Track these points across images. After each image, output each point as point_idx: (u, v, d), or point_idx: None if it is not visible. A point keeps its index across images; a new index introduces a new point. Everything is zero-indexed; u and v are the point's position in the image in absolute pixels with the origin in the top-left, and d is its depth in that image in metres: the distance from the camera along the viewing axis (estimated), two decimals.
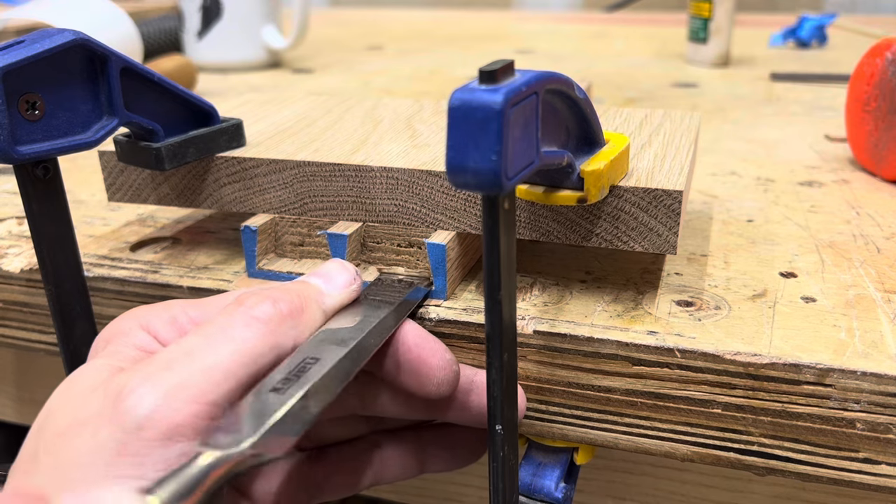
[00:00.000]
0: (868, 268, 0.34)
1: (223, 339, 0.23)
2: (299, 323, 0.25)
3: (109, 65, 0.29)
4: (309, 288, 0.27)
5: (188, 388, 0.22)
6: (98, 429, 0.21)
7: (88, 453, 0.21)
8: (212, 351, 0.23)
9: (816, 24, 1.00)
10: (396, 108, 0.41)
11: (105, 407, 0.21)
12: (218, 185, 0.34)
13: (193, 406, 0.21)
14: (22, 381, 0.48)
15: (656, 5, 1.61)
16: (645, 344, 0.28)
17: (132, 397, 0.21)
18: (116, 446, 0.21)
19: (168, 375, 0.22)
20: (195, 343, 0.23)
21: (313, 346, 0.25)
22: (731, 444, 0.28)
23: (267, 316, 0.25)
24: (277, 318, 0.25)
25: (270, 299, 0.25)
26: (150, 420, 0.21)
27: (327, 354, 0.25)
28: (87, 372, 0.23)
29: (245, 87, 0.78)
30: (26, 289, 0.36)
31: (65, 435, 0.21)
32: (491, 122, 0.20)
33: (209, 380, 0.22)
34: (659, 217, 0.29)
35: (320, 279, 0.28)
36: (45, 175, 0.29)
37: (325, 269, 0.29)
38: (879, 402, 0.26)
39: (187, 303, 0.27)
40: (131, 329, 0.25)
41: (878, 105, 0.46)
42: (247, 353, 0.23)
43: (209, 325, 0.24)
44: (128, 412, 0.21)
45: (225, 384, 0.22)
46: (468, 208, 0.31)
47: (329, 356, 0.24)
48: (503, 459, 0.25)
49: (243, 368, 0.23)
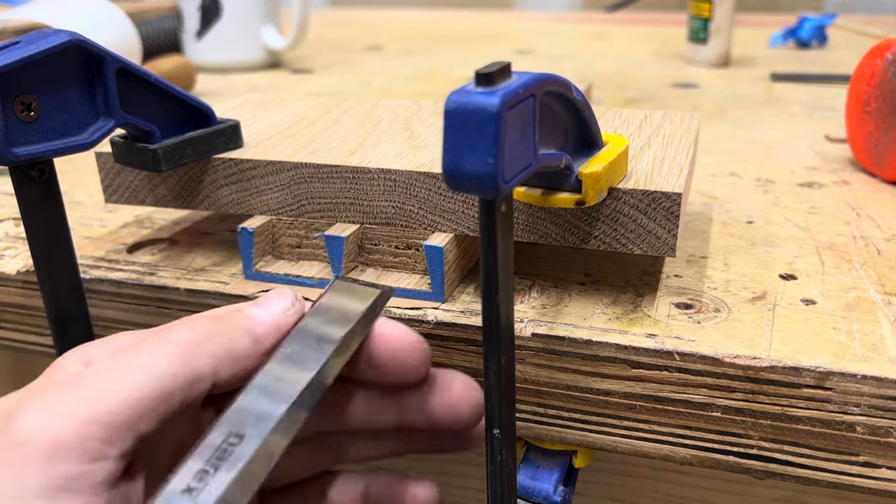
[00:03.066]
0: (868, 270, 0.33)
1: (132, 364, 0.23)
2: (218, 350, 0.24)
3: (105, 66, 0.29)
4: (237, 314, 0.26)
5: (79, 410, 0.21)
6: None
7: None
8: (116, 375, 0.22)
9: (816, 25, 1.00)
10: (395, 109, 0.41)
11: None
12: (215, 187, 0.34)
13: (83, 427, 0.21)
14: (19, 383, 0.48)
15: (656, 5, 1.61)
16: (644, 347, 0.27)
17: (20, 416, 0.21)
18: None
19: (61, 397, 0.21)
20: (102, 366, 0.23)
21: (238, 413, 0.22)
22: (730, 448, 0.28)
23: (183, 339, 0.23)
24: (192, 343, 0.23)
25: (188, 324, 0.24)
26: (34, 436, 0.20)
27: (253, 429, 0.22)
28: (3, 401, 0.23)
29: (244, 88, 0.77)
30: (23, 290, 0.36)
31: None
32: (487, 125, 0.20)
33: (105, 402, 0.21)
34: (658, 219, 0.28)
35: (255, 307, 0.26)
36: (41, 177, 0.29)
37: (263, 296, 0.27)
38: (880, 406, 0.26)
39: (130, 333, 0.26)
40: (69, 362, 0.24)
41: (878, 106, 0.46)
42: (154, 378, 0.22)
43: (122, 351, 0.23)
44: (14, 429, 0.21)
45: (126, 409, 0.21)
46: (466, 210, 0.31)
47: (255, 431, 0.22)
48: (501, 463, 0.25)
49: (147, 394, 0.22)
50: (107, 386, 0.22)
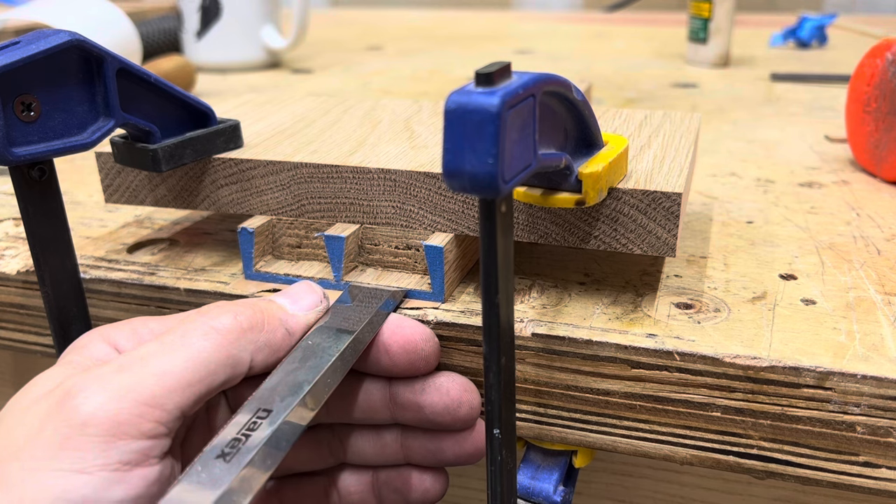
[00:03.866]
0: (868, 270, 0.33)
1: (179, 346, 0.24)
2: (259, 338, 0.26)
3: (105, 66, 0.29)
4: (273, 305, 0.27)
5: (135, 391, 0.22)
6: (44, 425, 0.22)
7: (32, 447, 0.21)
8: (166, 357, 0.23)
9: (816, 25, 1.00)
10: (395, 109, 0.41)
11: (52, 407, 0.22)
12: (215, 187, 0.34)
13: (140, 407, 0.22)
14: (19, 383, 0.48)
15: (656, 5, 1.61)
16: (644, 347, 0.27)
17: (79, 396, 0.22)
18: (60, 440, 0.21)
19: (117, 377, 0.23)
20: (150, 349, 0.24)
21: (268, 392, 0.25)
22: (730, 448, 0.28)
23: (226, 327, 0.25)
24: (236, 331, 0.25)
25: (231, 312, 0.25)
26: (94, 417, 0.22)
27: (280, 405, 0.24)
28: (41, 380, 0.24)
29: (244, 88, 0.77)
30: (23, 290, 0.36)
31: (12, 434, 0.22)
32: (487, 126, 0.20)
33: (160, 384, 0.23)
34: (658, 219, 0.28)
35: (287, 299, 0.28)
36: (41, 177, 0.29)
37: (293, 289, 0.29)
38: (880, 406, 0.26)
39: (150, 318, 0.27)
40: (91, 341, 0.26)
41: (878, 106, 0.46)
42: (201, 362, 0.24)
43: (168, 334, 0.25)
44: (74, 409, 0.22)
45: (177, 391, 0.23)
46: (466, 210, 0.31)
47: (281, 406, 0.24)
48: (501, 462, 0.25)
49: (196, 377, 0.23)
50: (160, 369, 0.23)
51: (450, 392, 0.29)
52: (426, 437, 0.30)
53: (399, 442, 0.30)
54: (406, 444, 0.30)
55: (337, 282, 0.32)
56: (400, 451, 0.30)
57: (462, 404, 0.29)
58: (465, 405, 0.29)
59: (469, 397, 0.29)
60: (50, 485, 0.21)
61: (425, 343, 0.28)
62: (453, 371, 0.30)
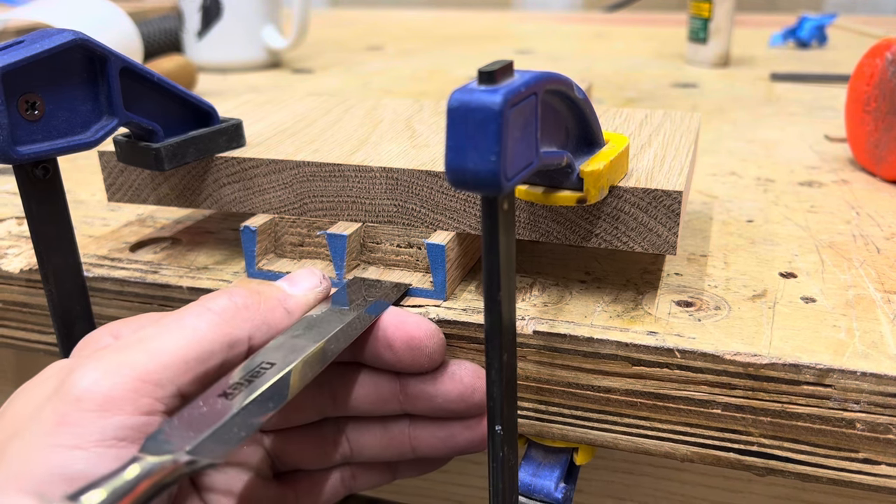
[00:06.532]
0: (868, 268, 0.34)
1: (175, 327, 0.24)
2: (255, 316, 0.26)
3: (109, 65, 0.29)
4: (270, 287, 0.28)
5: (129, 366, 0.23)
6: (45, 404, 0.22)
7: (32, 424, 0.22)
8: (162, 337, 0.24)
9: (816, 25, 1.00)
10: (396, 109, 0.41)
11: (54, 387, 0.23)
12: (217, 186, 0.34)
13: (134, 382, 0.22)
14: (21, 382, 0.48)
15: (656, 5, 1.61)
16: (645, 344, 0.28)
17: (76, 374, 0.22)
18: (58, 417, 0.22)
19: (113, 355, 0.23)
20: (148, 332, 0.24)
21: (272, 350, 0.25)
22: (730, 445, 0.28)
23: (221, 307, 0.25)
24: (232, 310, 0.26)
25: (227, 294, 0.26)
26: (89, 392, 0.22)
27: (284, 359, 0.25)
28: (49, 367, 0.25)
29: (245, 88, 0.78)
30: (26, 289, 0.36)
31: (17, 415, 0.23)
32: (490, 124, 0.20)
33: (154, 360, 0.23)
34: (658, 217, 0.29)
35: (285, 282, 0.29)
36: (45, 175, 0.29)
37: (292, 274, 0.30)
38: (879, 403, 0.26)
39: (158, 314, 0.28)
40: (100, 336, 0.26)
41: (877, 105, 0.46)
42: (197, 340, 0.24)
43: (165, 317, 0.25)
44: (71, 386, 0.22)
45: (171, 367, 0.23)
46: (468, 208, 0.31)
47: (285, 361, 0.25)
48: (503, 459, 0.25)
49: (192, 355, 0.24)
50: (155, 346, 0.24)
51: (463, 379, 0.29)
52: (436, 426, 0.30)
53: (407, 434, 0.31)
54: (415, 434, 0.30)
55: (339, 280, 0.32)
56: (408, 444, 0.31)
57: (476, 390, 0.29)
58: (479, 391, 0.29)
59: (481, 383, 0.29)
60: (47, 460, 0.21)
61: (429, 339, 0.28)
62: None
